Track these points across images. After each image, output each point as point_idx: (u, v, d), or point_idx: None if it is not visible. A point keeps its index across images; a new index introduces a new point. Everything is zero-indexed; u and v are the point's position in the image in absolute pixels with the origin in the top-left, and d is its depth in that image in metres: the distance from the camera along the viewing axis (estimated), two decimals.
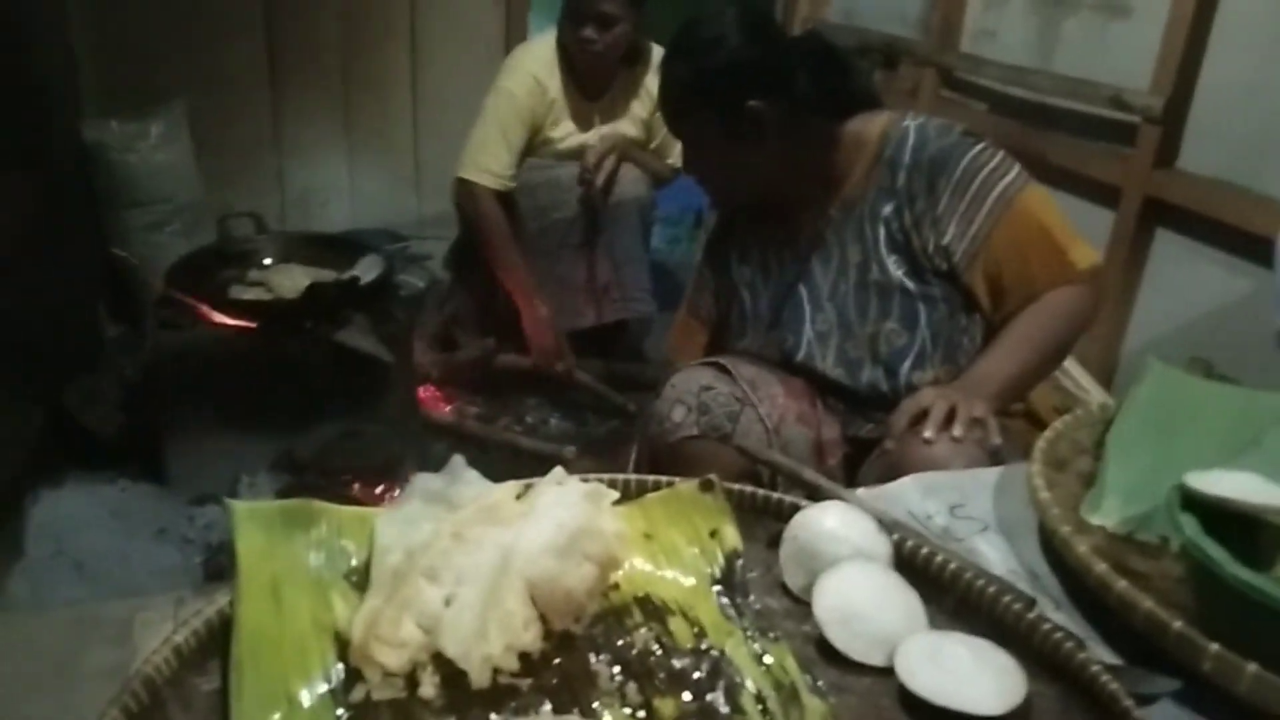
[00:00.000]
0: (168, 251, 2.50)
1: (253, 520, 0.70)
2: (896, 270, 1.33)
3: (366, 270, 2.14)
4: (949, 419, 1.14)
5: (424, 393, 2.40)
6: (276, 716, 0.60)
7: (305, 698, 0.62)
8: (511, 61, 2.52)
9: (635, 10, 2.35)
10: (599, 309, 2.56)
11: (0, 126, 1.90)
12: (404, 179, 3.42)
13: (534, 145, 2.48)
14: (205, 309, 2.01)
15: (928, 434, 1.13)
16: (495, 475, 0.77)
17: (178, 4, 2.90)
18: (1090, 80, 2.19)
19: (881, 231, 1.34)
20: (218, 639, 0.65)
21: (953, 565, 0.73)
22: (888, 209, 1.33)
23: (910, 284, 1.33)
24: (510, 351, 2.53)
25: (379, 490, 1.92)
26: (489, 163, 2.40)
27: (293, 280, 2.13)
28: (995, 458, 1.10)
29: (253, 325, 2.00)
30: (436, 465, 0.75)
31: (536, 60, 2.45)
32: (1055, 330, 1.29)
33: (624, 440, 2.36)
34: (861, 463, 1.36)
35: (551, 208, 2.48)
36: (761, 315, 1.46)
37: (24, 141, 2.08)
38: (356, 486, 1.84)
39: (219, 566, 1.75)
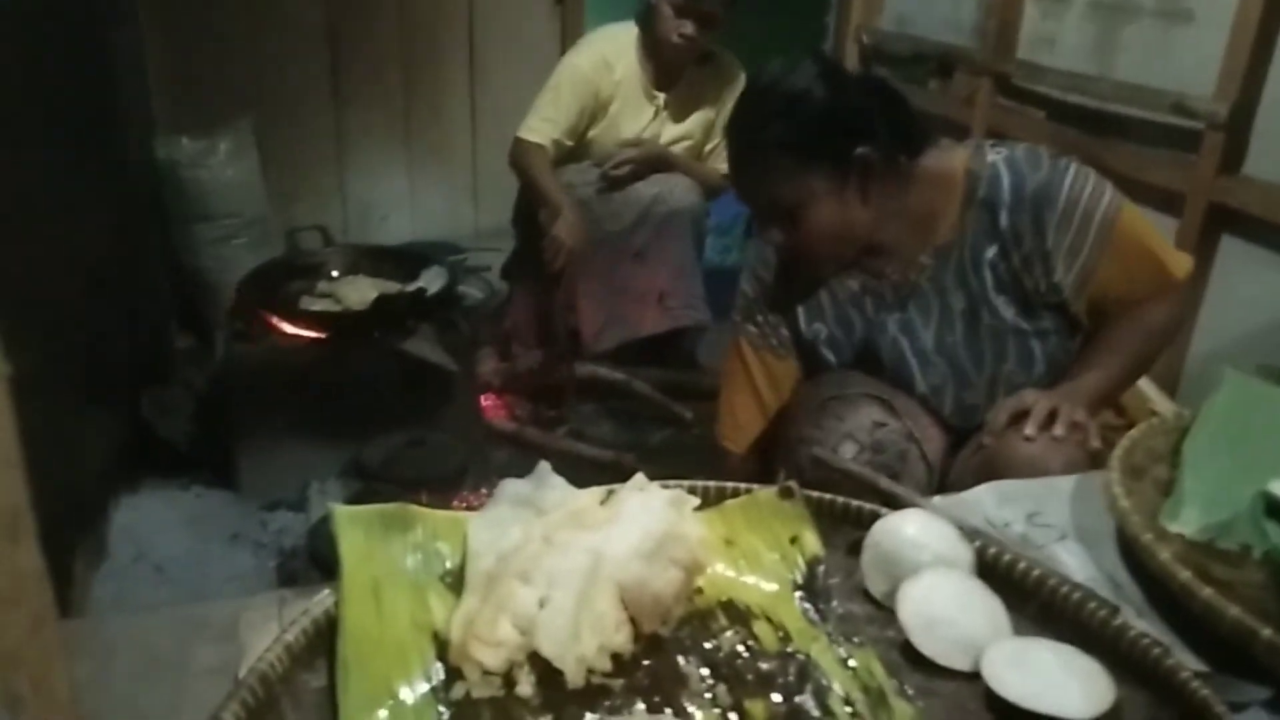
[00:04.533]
0: (235, 265, 2.57)
1: (354, 524, 0.73)
2: (1007, 311, 1.31)
3: (431, 281, 2.19)
4: (1050, 419, 1.16)
5: (486, 401, 2.44)
6: (383, 713, 0.62)
7: (408, 695, 0.64)
8: (585, 40, 2.65)
9: (730, 14, 2.45)
10: (656, 318, 2.59)
11: (83, 146, 1.97)
12: (462, 192, 3.47)
13: (595, 123, 2.55)
14: (276, 320, 2.07)
15: (1029, 430, 1.14)
16: None
17: (245, 25, 2.99)
18: (1152, 87, 2.17)
19: (988, 276, 1.30)
20: (324, 637, 0.67)
21: (1036, 572, 0.74)
22: (991, 252, 1.29)
23: (1023, 323, 1.31)
24: (566, 360, 2.57)
25: (445, 495, 1.95)
26: (540, 125, 2.50)
27: (360, 292, 2.18)
28: (1094, 461, 1.11)
29: (322, 336, 2.06)
30: (500, 472, 0.78)
31: (611, 42, 2.54)
32: (1150, 343, 1.33)
33: (680, 448, 2.38)
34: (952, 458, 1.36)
35: (606, 219, 2.52)
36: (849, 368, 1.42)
37: (103, 160, 2.16)
38: (423, 493, 1.87)
39: (292, 570, 1.79)
